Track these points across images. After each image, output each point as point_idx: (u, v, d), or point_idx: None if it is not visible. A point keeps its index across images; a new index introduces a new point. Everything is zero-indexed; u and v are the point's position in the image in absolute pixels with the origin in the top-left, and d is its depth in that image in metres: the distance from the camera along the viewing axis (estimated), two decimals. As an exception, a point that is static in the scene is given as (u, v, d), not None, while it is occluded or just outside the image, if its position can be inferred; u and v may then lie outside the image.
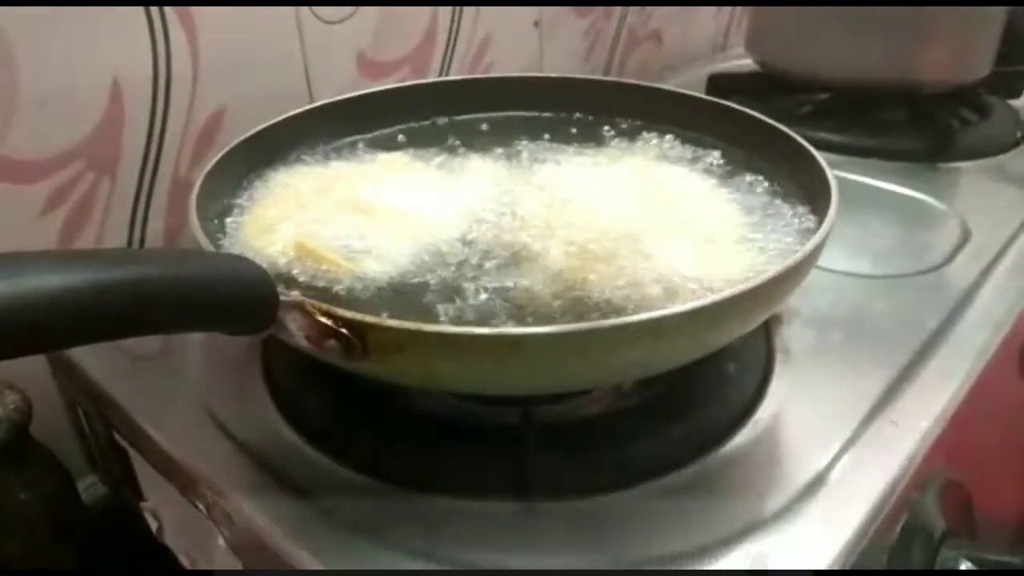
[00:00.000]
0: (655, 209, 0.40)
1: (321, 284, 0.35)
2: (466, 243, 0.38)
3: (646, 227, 0.38)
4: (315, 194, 0.42)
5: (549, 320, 0.32)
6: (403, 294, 0.34)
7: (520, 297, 0.34)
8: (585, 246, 0.36)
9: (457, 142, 0.48)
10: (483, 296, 0.34)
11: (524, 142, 0.48)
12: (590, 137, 0.49)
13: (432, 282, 0.35)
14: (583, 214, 0.39)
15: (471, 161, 0.46)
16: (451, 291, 0.34)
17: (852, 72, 0.65)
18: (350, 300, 0.34)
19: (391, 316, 0.28)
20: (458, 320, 0.32)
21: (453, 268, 0.36)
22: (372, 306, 0.33)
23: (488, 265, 0.36)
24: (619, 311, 0.32)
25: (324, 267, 0.36)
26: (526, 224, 0.39)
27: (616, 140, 0.48)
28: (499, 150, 0.47)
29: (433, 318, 0.32)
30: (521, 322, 0.32)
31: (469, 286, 0.34)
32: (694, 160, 0.45)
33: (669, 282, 0.34)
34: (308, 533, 0.31)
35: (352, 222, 0.39)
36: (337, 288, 0.35)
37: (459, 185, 0.43)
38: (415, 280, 0.35)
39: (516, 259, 0.36)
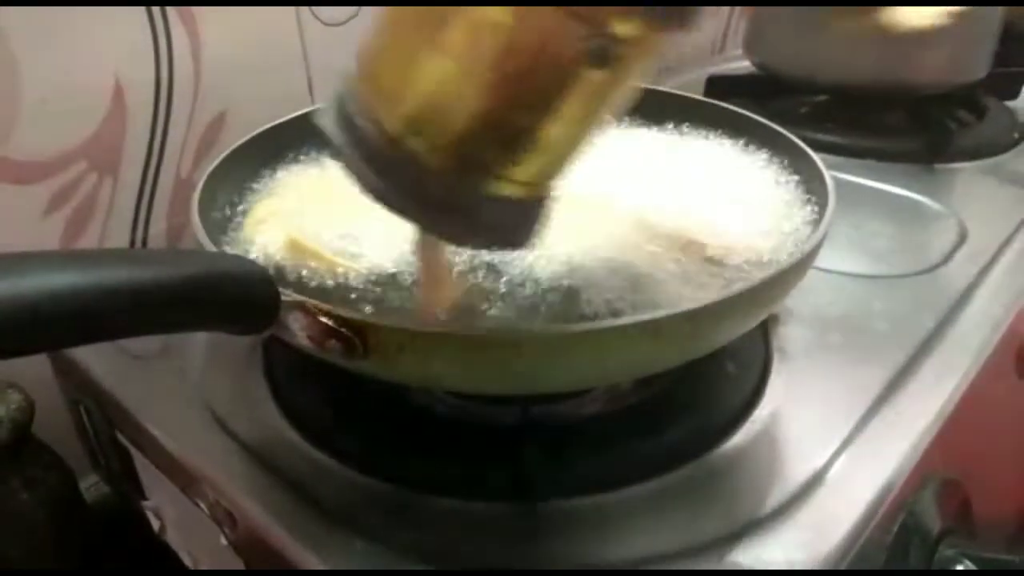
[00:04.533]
0: (655, 196, 0.40)
1: (321, 283, 0.35)
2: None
3: (645, 218, 0.38)
4: (316, 194, 0.42)
5: (546, 318, 0.32)
6: (401, 292, 0.35)
7: (518, 294, 0.34)
8: (580, 254, 0.36)
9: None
10: (481, 294, 0.34)
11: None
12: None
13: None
14: (586, 208, 0.39)
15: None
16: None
17: (850, 74, 0.66)
18: (350, 299, 0.34)
19: (390, 315, 0.28)
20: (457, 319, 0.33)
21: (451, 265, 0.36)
22: (370, 305, 0.34)
23: (486, 262, 0.36)
24: (614, 311, 0.32)
25: (322, 266, 0.36)
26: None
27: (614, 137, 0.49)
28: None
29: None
30: (520, 319, 0.32)
31: (467, 283, 0.35)
32: (693, 154, 0.46)
33: (673, 277, 0.34)
34: (309, 532, 0.31)
35: (352, 221, 0.39)
36: (337, 287, 0.35)
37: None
38: (412, 278, 0.35)
39: (515, 255, 0.36)
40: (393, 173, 0.23)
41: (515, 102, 0.22)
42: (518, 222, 0.25)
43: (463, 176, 0.23)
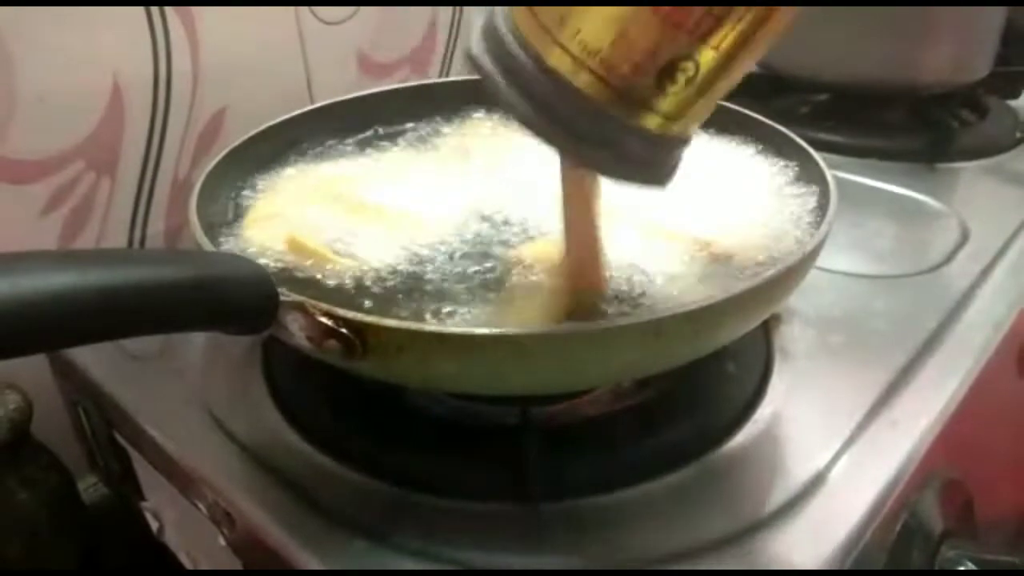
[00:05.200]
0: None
1: (321, 283, 0.35)
2: (464, 241, 0.38)
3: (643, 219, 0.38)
4: (314, 194, 0.42)
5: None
6: (399, 292, 0.34)
7: (514, 295, 0.34)
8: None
9: (457, 142, 0.48)
10: (479, 294, 0.34)
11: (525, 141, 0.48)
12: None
13: (428, 280, 0.35)
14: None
15: (471, 160, 0.46)
16: (448, 289, 0.34)
17: (851, 72, 0.66)
18: (347, 299, 0.34)
19: (387, 315, 0.28)
20: (453, 319, 0.32)
21: (450, 266, 0.36)
22: (368, 304, 0.33)
23: (485, 262, 0.36)
24: (615, 311, 0.32)
25: (320, 265, 0.36)
26: (525, 223, 0.39)
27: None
28: (501, 150, 0.47)
29: (428, 317, 0.32)
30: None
31: (465, 284, 0.34)
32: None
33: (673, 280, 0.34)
34: (308, 533, 0.31)
35: (351, 220, 0.39)
36: (336, 287, 0.35)
37: (459, 183, 0.43)
38: (411, 278, 0.35)
39: (512, 256, 0.36)
40: (549, 104, 0.24)
41: (679, 34, 0.23)
42: (659, 159, 0.26)
43: (618, 107, 0.24)
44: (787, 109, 0.71)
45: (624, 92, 0.23)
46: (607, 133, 0.24)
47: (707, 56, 0.23)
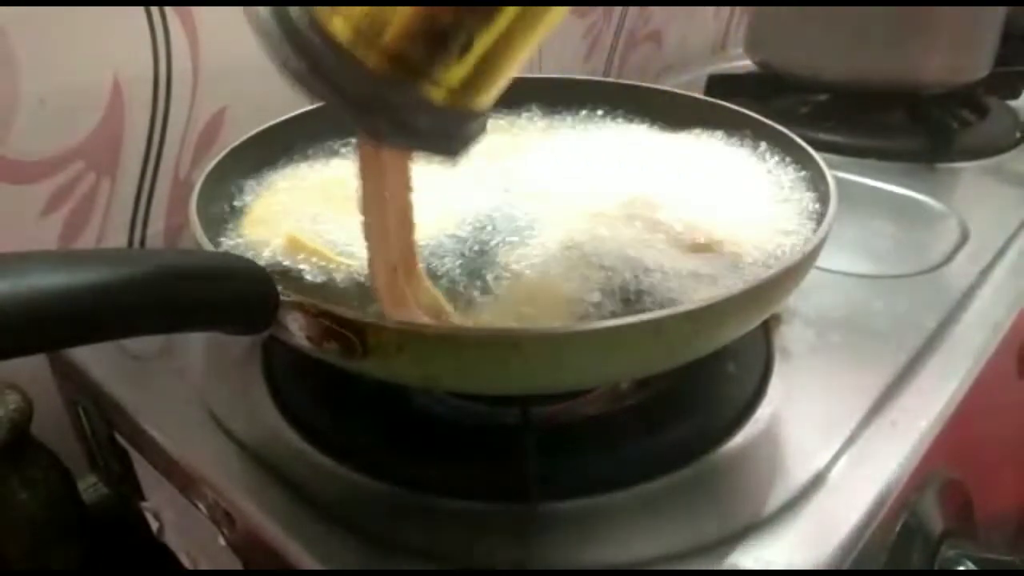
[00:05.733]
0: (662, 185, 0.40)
1: (321, 283, 0.35)
2: (464, 241, 0.38)
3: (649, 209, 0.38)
4: (315, 193, 0.42)
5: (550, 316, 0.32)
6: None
7: (514, 294, 0.34)
8: (583, 246, 0.36)
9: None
10: (478, 293, 0.34)
11: (525, 141, 0.48)
12: (596, 133, 0.49)
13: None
14: (587, 205, 0.39)
15: (471, 159, 0.46)
16: (448, 289, 0.34)
17: (851, 73, 0.66)
18: (347, 299, 0.34)
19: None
20: (454, 319, 0.32)
21: (450, 266, 0.36)
22: (368, 304, 0.33)
23: (485, 262, 0.36)
24: (615, 310, 0.32)
25: (320, 265, 0.36)
26: (525, 223, 0.39)
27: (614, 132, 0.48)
28: (501, 149, 0.47)
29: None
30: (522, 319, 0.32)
31: (465, 283, 0.34)
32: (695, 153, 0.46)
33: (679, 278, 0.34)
34: (308, 533, 0.31)
35: (351, 220, 0.39)
36: (337, 286, 0.35)
37: (459, 183, 0.43)
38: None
39: (510, 256, 0.36)
40: (326, 67, 0.24)
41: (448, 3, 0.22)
42: (446, 130, 0.26)
43: (397, 76, 0.23)
44: (787, 109, 0.71)
45: (398, 60, 0.23)
46: (383, 99, 0.24)
47: (481, 27, 0.23)
